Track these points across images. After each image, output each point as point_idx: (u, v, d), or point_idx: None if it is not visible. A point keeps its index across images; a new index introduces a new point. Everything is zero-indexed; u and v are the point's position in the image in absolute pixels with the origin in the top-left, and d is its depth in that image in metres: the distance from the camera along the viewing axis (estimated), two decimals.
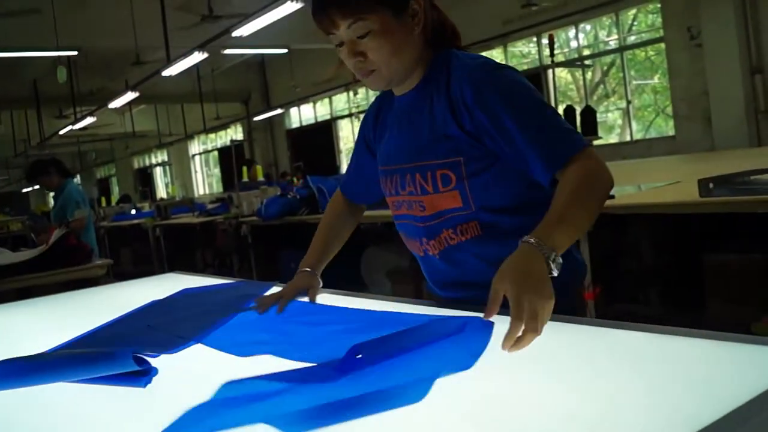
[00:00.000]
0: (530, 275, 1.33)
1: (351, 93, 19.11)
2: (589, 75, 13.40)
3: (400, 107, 1.88)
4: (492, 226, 1.74)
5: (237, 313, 1.87)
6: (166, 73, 11.14)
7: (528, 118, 1.62)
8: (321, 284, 2.06)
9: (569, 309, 1.58)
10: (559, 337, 1.35)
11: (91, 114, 16.18)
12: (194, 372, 1.45)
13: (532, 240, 1.39)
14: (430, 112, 1.77)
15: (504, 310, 1.32)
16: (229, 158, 9.46)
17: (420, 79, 1.81)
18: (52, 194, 7.26)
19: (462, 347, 1.25)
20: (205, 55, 10.33)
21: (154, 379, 1.38)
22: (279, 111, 19.99)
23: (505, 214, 1.73)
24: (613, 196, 4.28)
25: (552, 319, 1.32)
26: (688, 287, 4.58)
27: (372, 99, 2.17)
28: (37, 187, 7.24)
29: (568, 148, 1.58)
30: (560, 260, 1.38)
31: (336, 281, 2.25)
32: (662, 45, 12.02)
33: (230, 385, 1.02)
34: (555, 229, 1.43)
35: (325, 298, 2.09)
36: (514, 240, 1.43)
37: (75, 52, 12.55)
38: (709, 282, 4.27)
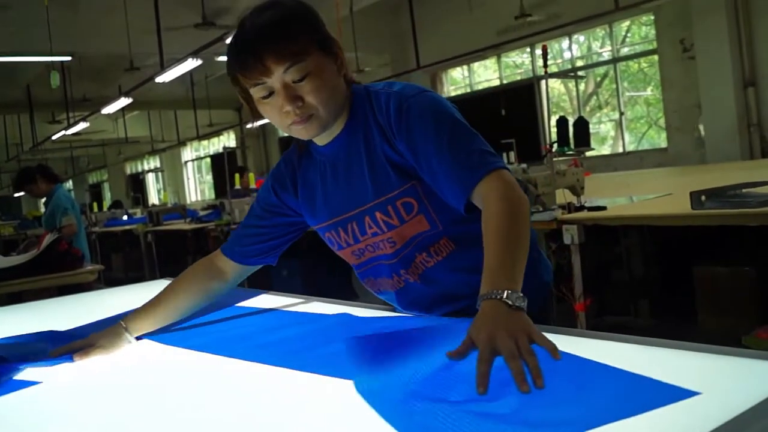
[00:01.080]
0: (499, 318, 1.24)
1: None
2: (582, 86, 13.42)
3: (327, 158, 1.80)
4: (463, 237, 1.71)
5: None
6: (159, 79, 11.12)
7: (440, 141, 1.59)
8: (129, 343, 1.84)
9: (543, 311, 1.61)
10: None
11: (84, 119, 16.14)
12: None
13: (487, 296, 1.29)
14: (367, 149, 1.72)
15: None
16: (222, 165, 9.45)
17: (344, 123, 1.75)
18: (43, 200, 7.24)
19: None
20: (199, 61, 10.31)
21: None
22: None
23: (471, 221, 1.59)
24: (605, 208, 4.29)
25: (544, 331, 1.27)
26: (679, 299, 4.58)
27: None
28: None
29: (478, 171, 1.54)
30: (520, 294, 1.28)
31: (327, 291, 2.26)
32: (655, 57, 12.06)
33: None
34: (501, 275, 1.35)
35: (318, 307, 2.10)
36: None
37: (69, 58, 12.53)
38: (700, 294, 4.28)
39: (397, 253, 1.75)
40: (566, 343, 1.39)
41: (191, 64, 10.29)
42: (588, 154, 4.93)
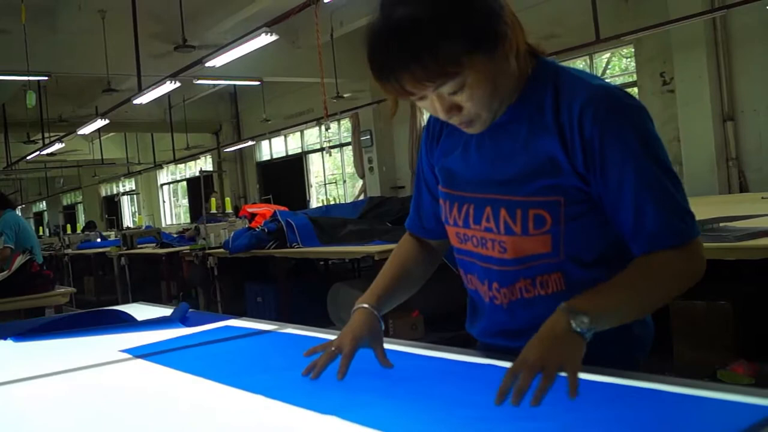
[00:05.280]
0: (549, 338, 1.26)
1: (323, 127, 19.16)
2: None
3: None
4: (578, 282, 1.47)
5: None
6: (137, 101, 11.09)
7: (649, 181, 1.38)
8: (383, 328, 1.64)
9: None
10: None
11: (59, 140, 16.07)
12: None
13: (561, 308, 1.30)
14: (526, 140, 1.48)
15: None
16: (198, 189, 9.43)
17: (516, 98, 1.50)
18: None
19: None
20: (177, 84, 10.30)
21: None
22: (250, 143, 19.97)
23: (597, 267, 1.47)
24: None
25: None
26: (654, 332, 4.57)
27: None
28: None
29: (676, 235, 1.38)
30: (586, 320, 1.26)
31: (302, 317, 2.22)
32: (635, 89, 12.14)
33: None
34: (587, 298, 1.32)
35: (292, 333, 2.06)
36: None
37: (45, 78, 12.47)
38: (677, 328, 4.27)
39: (503, 263, 1.54)
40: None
41: (169, 86, 10.28)
42: None
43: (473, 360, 1.56)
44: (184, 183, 26.75)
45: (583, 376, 1.35)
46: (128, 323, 2.46)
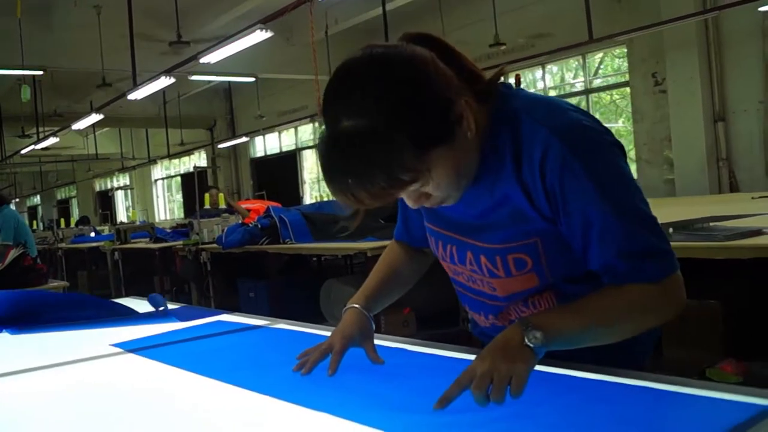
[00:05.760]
0: (500, 349, 1.23)
1: (317, 124, 19.12)
2: None
3: None
4: (568, 296, 1.46)
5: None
6: (131, 96, 11.09)
7: (611, 228, 1.32)
8: (374, 327, 1.65)
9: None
10: None
11: (54, 134, 16.05)
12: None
13: (518, 322, 1.26)
14: (492, 188, 1.44)
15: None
16: (192, 184, 9.42)
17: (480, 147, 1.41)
18: None
19: None
20: (172, 80, 10.31)
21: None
22: (244, 139, 19.95)
23: (583, 281, 1.43)
24: None
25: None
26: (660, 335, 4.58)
27: None
28: None
29: (646, 276, 1.32)
30: (539, 335, 1.21)
31: (294, 313, 2.23)
32: (627, 89, 12.16)
33: None
34: (547, 315, 1.34)
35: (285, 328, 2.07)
36: None
37: (40, 72, 12.45)
38: (665, 326, 4.29)
39: (494, 299, 1.55)
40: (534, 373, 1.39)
41: (164, 82, 10.29)
42: None
43: (464, 356, 1.57)
44: (179, 178, 26.70)
45: (573, 373, 1.37)
46: (120, 317, 2.47)
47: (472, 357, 1.27)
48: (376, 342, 1.62)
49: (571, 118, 1.37)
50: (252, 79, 15.64)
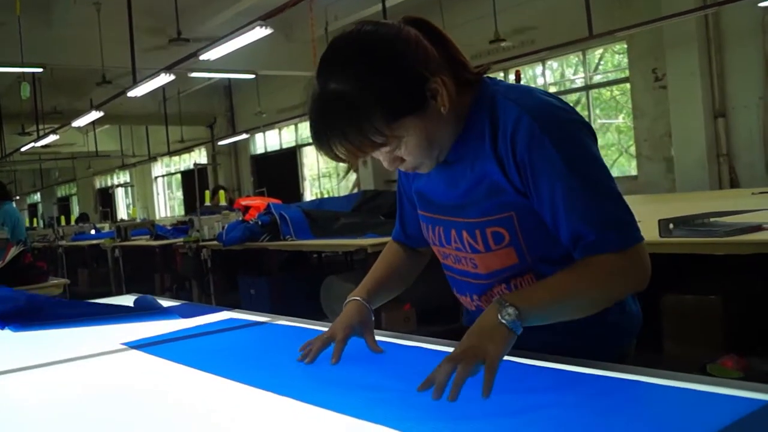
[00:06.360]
0: (476, 331, 1.32)
1: None
2: None
3: None
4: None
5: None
6: (131, 93, 11.08)
7: (577, 199, 1.42)
8: (374, 319, 1.74)
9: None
10: (512, 375, 1.34)
11: (54, 132, 16.04)
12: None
13: (495, 301, 1.34)
14: (472, 166, 1.56)
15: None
16: (192, 181, 9.41)
17: (461, 131, 1.56)
18: None
19: None
20: (172, 77, 10.29)
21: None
22: (244, 136, 19.94)
23: (563, 263, 1.49)
24: None
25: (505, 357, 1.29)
26: (644, 327, 4.59)
27: None
28: None
29: (612, 244, 1.41)
30: (512, 311, 1.29)
31: (295, 310, 2.24)
32: (627, 85, 12.15)
33: None
34: (520, 294, 1.41)
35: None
36: None
37: (40, 69, 12.44)
38: (666, 322, 4.29)
39: (477, 277, 1.63)
40: (532, 370, 1.39)
41: (164, 79, 10.27)
42: None
43: None
44: (179, 176, 26.71)
45: (573, 368, 1.38)
46: (123, 314, 2.48)
47: None
48: (378, 338, 1.67)
49: (542, 100, 1.49)
50: (252, 76, 15.64)
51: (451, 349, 1.53)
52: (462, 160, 1.58)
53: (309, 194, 19.71)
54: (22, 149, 18.59)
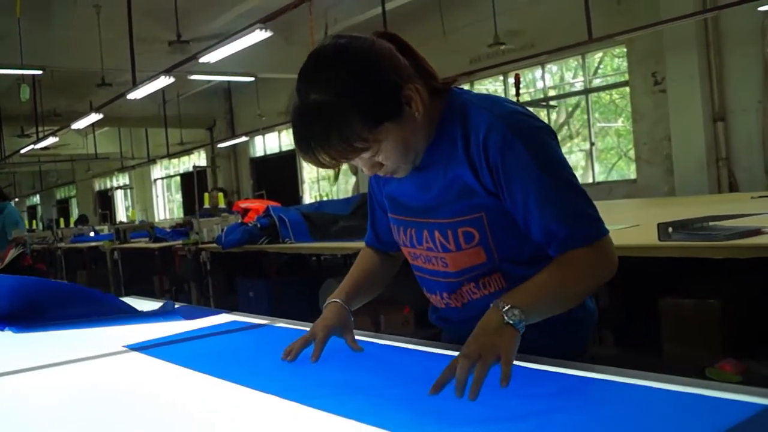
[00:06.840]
0: (483, 331, 1.37)
1: None
2: (554, 116, 13.49)
3: None
4: (517, 278, 1.59)
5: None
6: (131, 96, 11.09)
7: (549, 198, 1.53)
8: (353, 320, 1.82)
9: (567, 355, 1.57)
10: (513, 380, 1.34)
11: (53, 134, 16.04)
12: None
13: (495, 304, 1.41)
14: (445, 170, 1.65)
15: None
16: (192, 184, 9.41)
17: (433, 137, 1.65)
18: None
19: None
20: (172, 79, 10.30)
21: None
22: (244, 139, 19.95)
23: (530, 264, 1.61)
24: None
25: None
26: (644, 330, 4.59)
27: None
28: None
29: (583, 238, 1.53)
30: (517, 312, 1.37)
31: (294, 313, 2.24)
32: (627, 89, 12.16)
33: None
34: (519, 293, 1.45)
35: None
36: None
37: (40, 72, 12.45)
38: (665, 325, 4.29)
39: (447, 276, 1.72)
40: (529, 372, 1.40)
41: (163, 81, 10.28)
42: None
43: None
44: (178, 178, 26.71)
45: (572, 372, 1.38)
46: (125, 315, 2.48)
47: None
48: (378, 341, 1.77)
49: (511, 108, 1.60)
50: (251, 79, 15.65)
51: (450, 352, 1.54)
52: (434, 164, 1.66)
53: (308, 197, 19.70)
54: (22, 151, 18.58)
